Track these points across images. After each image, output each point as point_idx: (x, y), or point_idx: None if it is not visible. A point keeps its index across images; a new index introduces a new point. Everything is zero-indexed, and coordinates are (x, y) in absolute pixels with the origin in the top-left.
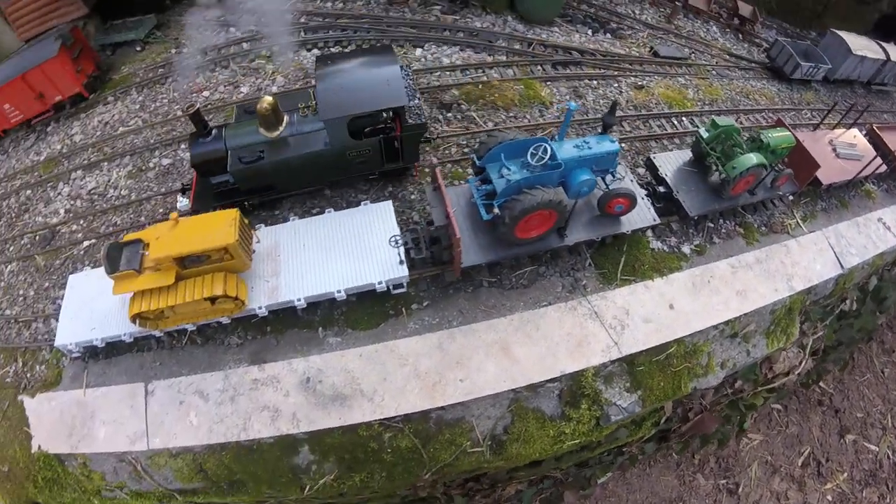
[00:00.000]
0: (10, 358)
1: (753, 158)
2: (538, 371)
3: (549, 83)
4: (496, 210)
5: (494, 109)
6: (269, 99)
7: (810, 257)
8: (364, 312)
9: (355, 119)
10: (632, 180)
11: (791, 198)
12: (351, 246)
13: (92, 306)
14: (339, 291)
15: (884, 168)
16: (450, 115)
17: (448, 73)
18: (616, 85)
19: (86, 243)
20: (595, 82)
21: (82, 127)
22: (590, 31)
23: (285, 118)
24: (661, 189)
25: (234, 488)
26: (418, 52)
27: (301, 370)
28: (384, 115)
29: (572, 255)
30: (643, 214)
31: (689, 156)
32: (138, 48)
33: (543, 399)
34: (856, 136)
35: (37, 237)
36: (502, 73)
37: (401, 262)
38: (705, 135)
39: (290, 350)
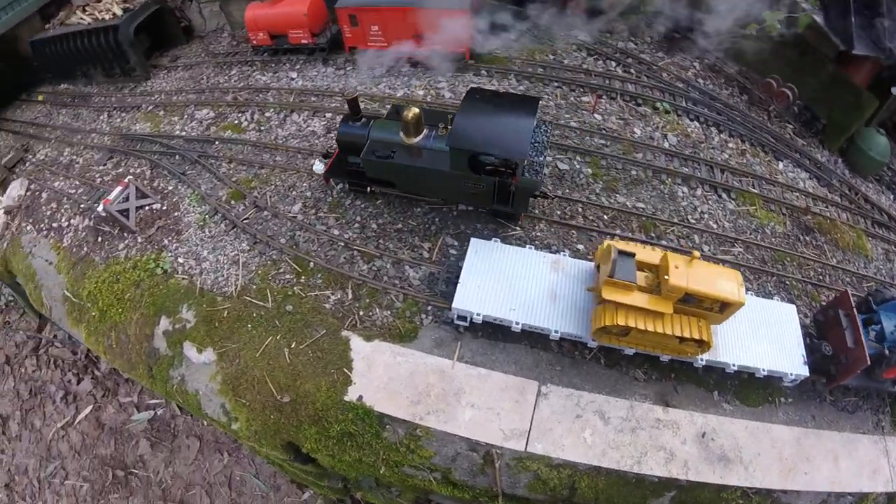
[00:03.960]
0: (332, 283)
1: None
2: (849, 484)
3: (869, 239)
4: (887, 351)
5: (836, 248)
6: (415, 110)
7: None
8: (751, 390)
9: (477, 154)
10: None
11: None
12: (764, 331)
13: (511, 284)
14: (763, 370)
15: None
16: (808, 238)
17: (804, 196)
18: None
19: None
20: None
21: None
22: (892, 196)
23: (424, 131)
24: None
25: None
26: (780, 165)
27: (699, 424)
28: (504, 160)
29: (877, 399)
30: None
31: None
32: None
33: None
34: None
35: None
36: (839, 214)
37: (804, 363)
38: None
39: (688, 402)
